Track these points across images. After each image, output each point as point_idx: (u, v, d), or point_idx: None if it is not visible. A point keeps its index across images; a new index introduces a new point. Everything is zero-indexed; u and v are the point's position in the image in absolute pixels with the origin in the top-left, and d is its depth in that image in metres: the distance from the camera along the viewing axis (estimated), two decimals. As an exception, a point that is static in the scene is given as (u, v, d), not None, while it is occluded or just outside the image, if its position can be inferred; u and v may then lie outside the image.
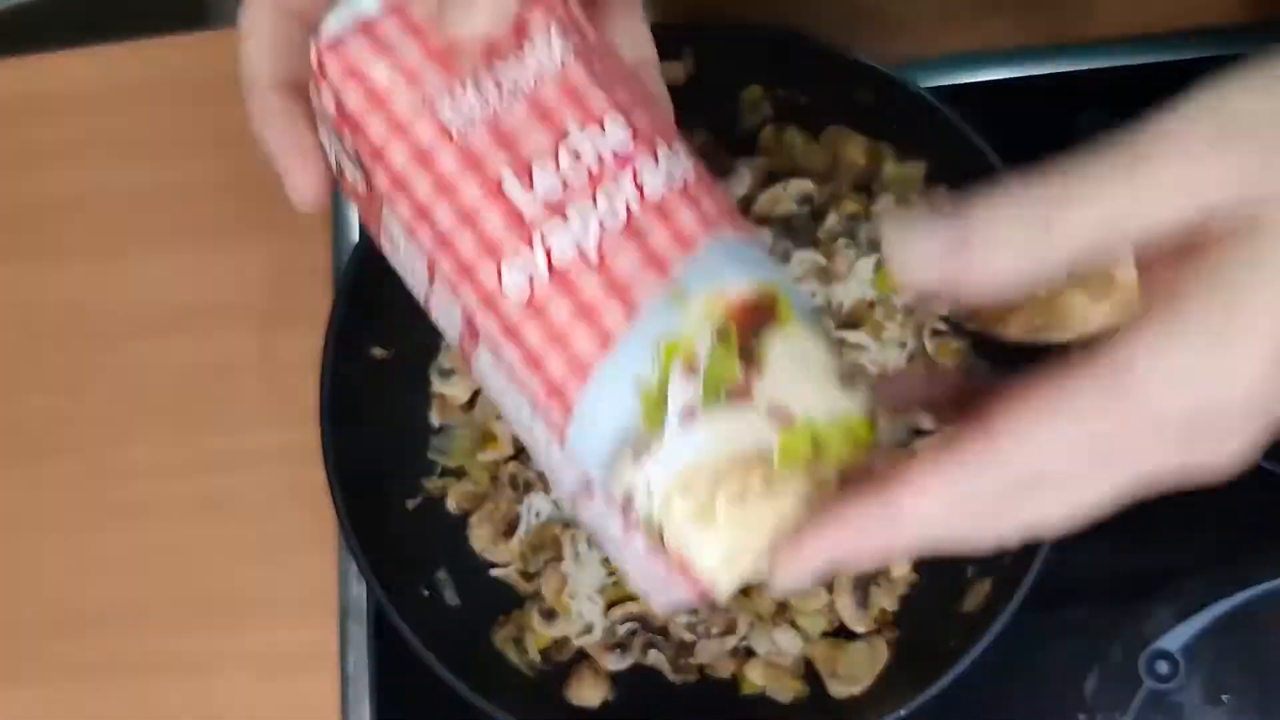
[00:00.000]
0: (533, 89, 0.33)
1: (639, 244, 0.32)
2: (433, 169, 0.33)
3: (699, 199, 0.33)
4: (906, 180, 0.63)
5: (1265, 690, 0.59)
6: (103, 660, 0.67)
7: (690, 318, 0.32)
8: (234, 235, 0.71)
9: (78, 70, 0.75)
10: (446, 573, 0.62)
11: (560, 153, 0.32)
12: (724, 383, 0.32)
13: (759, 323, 0.32)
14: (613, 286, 0.32)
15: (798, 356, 0.32)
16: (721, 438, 0.31)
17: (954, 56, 0.68)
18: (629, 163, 0.33)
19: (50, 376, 0.70)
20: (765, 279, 0.33)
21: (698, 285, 0.32)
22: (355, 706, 0.63)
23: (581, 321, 0.32)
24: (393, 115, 0.33)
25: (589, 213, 0.32)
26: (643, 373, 0.31)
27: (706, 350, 0.31)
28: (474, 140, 0.32)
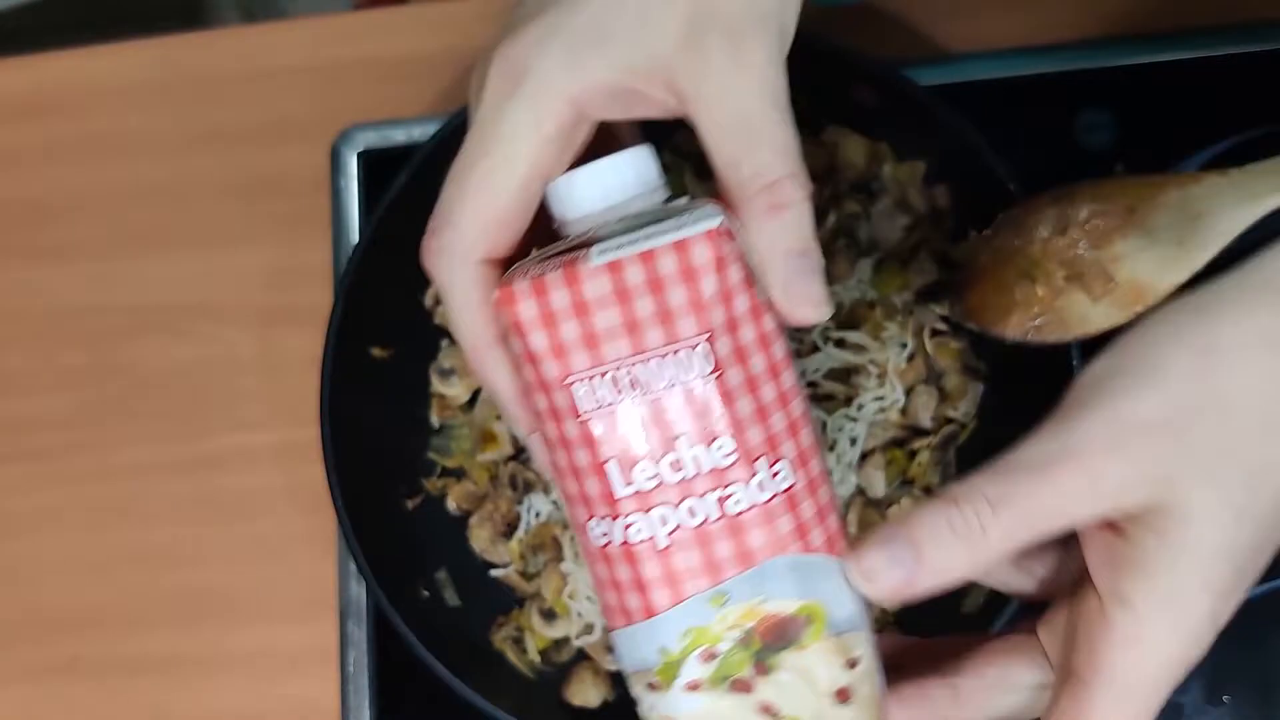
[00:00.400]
0: (660, 393, 0.37)
1: (703, 550, 0.37)
2: (560, 424, 0.38)
3: (784, 514, 0.37)
4: (906, 180, 0.63)
5: (1265, 690, 0.59)
6: (102, 660, 0.67)
7: (722, 621, 0.37)
8: (234, 235, 0.71)
9: (78, 70, 0.75)
10: (446, 573, 0.62)
11: (664, 459, 0.37)
12: (731, 676, 0.38)
13: (784, 638, 0.37)
14: (668, 576, 0.37)
15: (805, 672, 0.38)
16: (713, 711, 0.38)
17: (954, 56, 0.68)
18: (722, 478, 0.37)
19: (50, 376, 0.70)
20: (811, 599, 0.37)
21: (739, 596, 0.37)
22: (355, 706, 0.63)
23: (634, 590, 0.38)
24: (539, 375, 0.37)
25: (670, 513, 0.37)
26: (668, 646, 0.38)
27: (726, 649, 0.37)
28: (594, 425, 0.37)
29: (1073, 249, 0.53)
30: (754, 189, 0.38)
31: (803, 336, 0.62)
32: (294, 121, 0.72)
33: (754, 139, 0.38)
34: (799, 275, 0.37)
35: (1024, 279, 0.54)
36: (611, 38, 0.39)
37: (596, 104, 0.39)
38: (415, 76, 0.70)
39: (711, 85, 0.38)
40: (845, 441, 0.61)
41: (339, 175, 0.70)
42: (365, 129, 0.70)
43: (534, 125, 0.39)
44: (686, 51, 0.38)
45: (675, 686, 0.38)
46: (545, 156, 0.39)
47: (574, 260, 0.37)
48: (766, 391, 0.37)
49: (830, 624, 0.38)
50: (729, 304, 0.37)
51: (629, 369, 0.36)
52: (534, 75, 0.39)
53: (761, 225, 0.38)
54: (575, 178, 0.39)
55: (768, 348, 0.38)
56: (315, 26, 0.74)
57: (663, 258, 0.36)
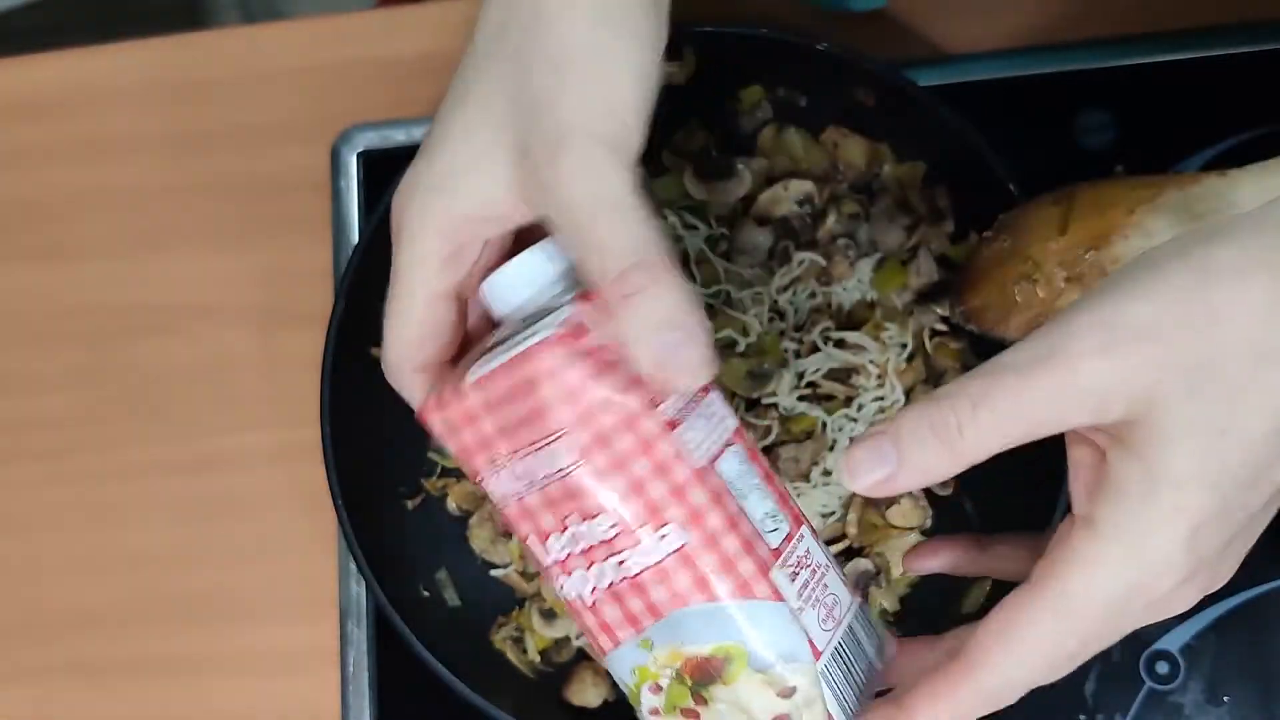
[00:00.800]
0: (543, 482, 0.41)
1: (620, 605, 0.42)
2: (494, 506, 0.44)
3: (679, 570, 0.41)
4: (906, 180, 0.63)
5: (1265, 690, 0.59)
6: (102, 660, 0.67)
7: (655, 661, 0.42)
8: (234, 235, 0.71)
9: (78, 70, 0.75)
10: (446, 573, 0.62)
11: (564, 534, 0.42)
12: (678, 705, 0.42)
13: (709, 676, 0.41)
14: (602, 625, 0.42)
15: (737, 703, 0.41)
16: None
17: (954, 56, 0.68)
18: (613, 546, 0.41)
19: (50, 377, 0.71)
20: (724, 642, 0.41)
21: (661, 640, 0.42)
22: (355, 706, 0.64)
23: (589, 633, 0.43)
24: (466, 469, 0.44)
25: (585, 576, 0.42)
26: (625, 680, 0.43)
27: (666, 683, 0.42)
28: (508, 510, 0.43)
29: (1073, 250, 0.53)
30: (605, 286, 0.41)
31: (803, 337, 0.62)
32: (294, 122, 0.72)
33: (589, 244, 0.41)
34: (667, 351, 0.40)
35: (1024, 280, 0.54)
36: (458, 184, 0.44)
37: (469, 231, 0.44)
38: (415, 76, 0.70)
39: (547, 204, 0.42)
40: (845, 441, 0.61)
41: (339, 176, 0.70)
42: (365, 129, 0.70)
43: (419, 261, 0.45)
44: (521, 180, 0.43)
45: (643, 710, 0.43)
46: (438, 283, 0.45)
47: (460, 375, 0.42)
48: (638, 467, 0.41)
49: (753, 661, 0.41)
50: (578, 399, 0.40)
51: (516, 464, 0.42)
52: (408, 224, 0.45)
53: (620, 316, 0.40)
54: (487, 285, 0.44)
55: (634, 427, 0.41)
56: (315, 27, 0.74)
57: (515, 368, 0.41)
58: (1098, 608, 0.37)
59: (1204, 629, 0.60)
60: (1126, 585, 0.37)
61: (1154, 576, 0.37)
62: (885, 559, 0.60)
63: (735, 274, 0.63)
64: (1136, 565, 0.37)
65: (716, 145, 0.65)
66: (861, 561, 0.60)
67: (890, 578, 0.61)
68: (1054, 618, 0.38)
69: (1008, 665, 0.39)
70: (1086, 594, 0.37)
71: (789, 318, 0.62)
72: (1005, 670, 0.39)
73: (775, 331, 0.62)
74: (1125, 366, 0.36)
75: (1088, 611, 0.37)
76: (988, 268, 0.56)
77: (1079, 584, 0.37)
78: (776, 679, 0.41)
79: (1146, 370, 0.36)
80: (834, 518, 0.62)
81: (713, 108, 0.64)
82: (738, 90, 0.64)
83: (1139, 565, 0.37)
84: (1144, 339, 0.36)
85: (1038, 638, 0.38)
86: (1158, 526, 0.36)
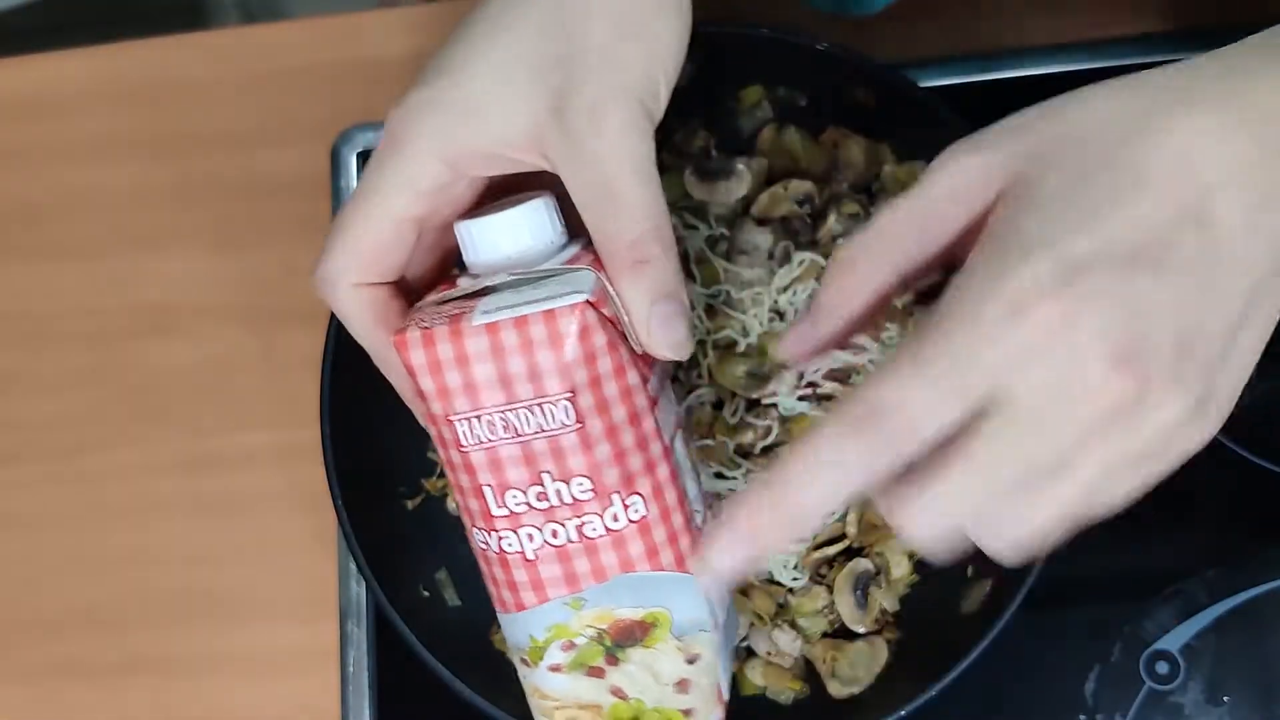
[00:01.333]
0: (528, 437, 0.42)
1: (564, 564, 0.43)
2: (445, 449, 0.43)
3: (635, 540, 0.43)
4: (906, 181, 0.63)
5: (1265, 690, 0.59)
6: (102, 660, 0.67)
7: (579, 621, 0.44)
8: (234, 235, 0.71)
9: (78, 70, 0.75)
10: (446, 573, 0.62)
11: (530, 489, 0.43)
12: (586, 664, 0.45)
13: (631, 637, 0.44)
14: (534, 582, 0.44)
15: (649, 665, 0.44)
16: (572, 689, 0.45)
17: (954, 56, 0.68)
18: (580, 509, 0.43)
19: (50, 376, 0.71)
20: (655, 608, 0.44)
21: (594, 603, 0.44)
22: (355, 706, 0.64)
23: (508, 588, 0.44)
24: (428, 408, 0.43)
25: (535, 533, 0.43)
26: (534, 635, 0.45)
27: (582, 643, 0.44)
28: (473, 456, 0.43)
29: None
30: (617, 247, 0.42)
31: (803, 337, 0.62)
32: (294, 122, 0.72)
33: (614, 203, 0.42)
34: (661, 322, 0.42)
35: None
36: (483, 113, 0.43)
37: (472, 165, 0.44)
38: (415, 76, 0.70)
39: (575, 156, 0.42)
40: (845, 442, 0.61)
41: (339, 176, 0.70)
42: (365, 129, 0.70)
43: (408, 181, 0.44)
44: (552, 125, 0.43)
45: (541, 666, 0.45)
46: (417, 207, 0.44)
47: (460, 315, 0.42)
48: (625, 438, 0.43)
49: (674, 628, 0.44)
50: (591, 365, 0.42)
51: (503, 415, 0.42)
52: (411, 140, 0.44)
53: (626, 280, 0.42)
54: (474, 229, 0.44)
55: (628, 399, 0.43)
56: (315, 27, 0.74)
57: (534, 324, 0.41)
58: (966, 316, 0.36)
59: (1204, 629, 0.60)
60: (995, 295, 0.35)
61: (1018, 289, 0.35)
62: (885, 559, 0.60)
63: (735, 274, 0.63)
64: (1000, 270, 0.36)
65: (716, 145, 0.65)
66: (861, 561, 0.60)
67: (890, 578, 0.61)
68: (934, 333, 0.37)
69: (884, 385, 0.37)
70: (955, 301, 0.36)
71: (789, 318, 0.62)
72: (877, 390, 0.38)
73: (776, 331, 0.62)
74: (1027, 133, 0.39)
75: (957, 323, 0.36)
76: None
77: (947, 298, 0.37)
78: (687, 646, 0.45)
79: (1023, 158, 0.38)
80: (834, 517, 0.62)
81: (713, 108, 0.64)
82: (738, 90, 0.64)
83: (1002, 270, 0.36)
84: (1019, 134, 0.39)
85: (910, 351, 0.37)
86: (1011, 256, 0.36)
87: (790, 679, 0.60)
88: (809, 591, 0.61)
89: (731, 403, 0.61)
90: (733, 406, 0.61)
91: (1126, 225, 0.36)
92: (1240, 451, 0.62)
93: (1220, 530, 0.61)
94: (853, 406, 0.36)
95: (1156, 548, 0.61)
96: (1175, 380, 0.36)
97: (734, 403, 0.61)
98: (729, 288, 0.62)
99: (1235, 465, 0.61)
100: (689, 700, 0.45)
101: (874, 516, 0.61)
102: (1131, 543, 0.61)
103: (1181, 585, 0.61)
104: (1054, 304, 0.35)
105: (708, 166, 0.64)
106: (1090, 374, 0.35)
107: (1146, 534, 0.61)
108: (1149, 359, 0.35)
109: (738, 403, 0.61)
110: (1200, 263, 0.36)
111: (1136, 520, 0.62)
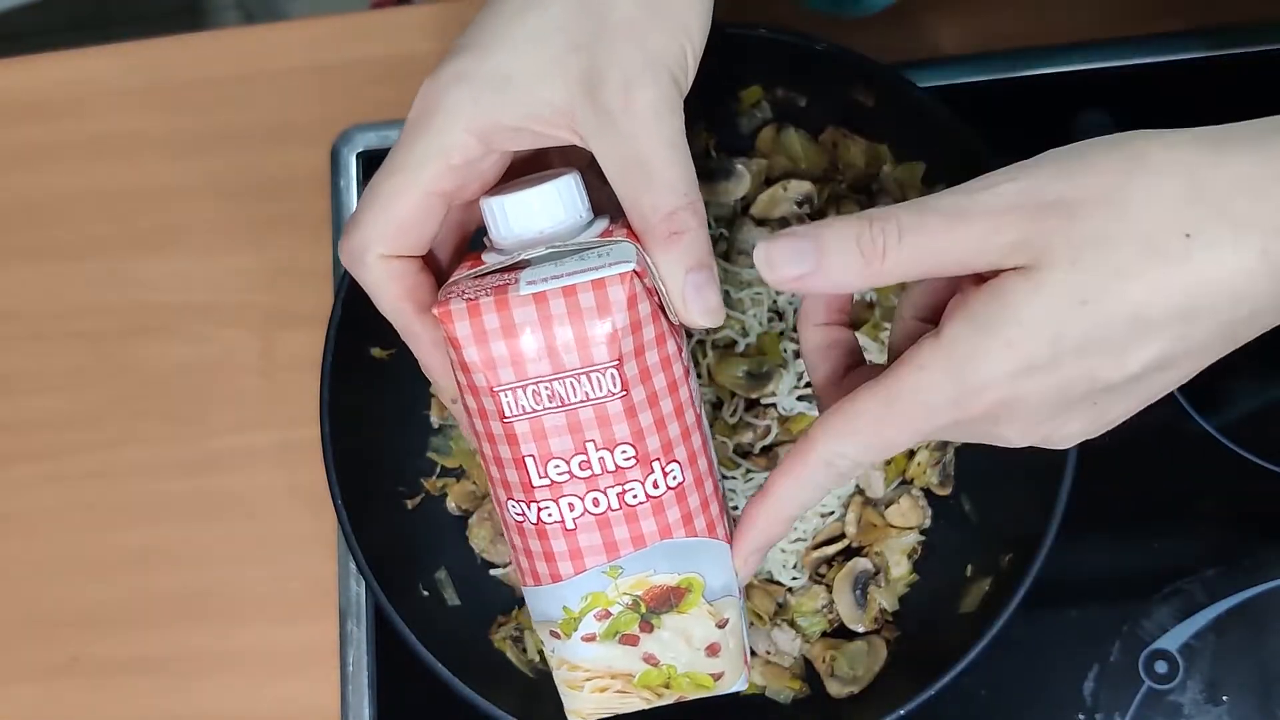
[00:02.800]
0: (574, 406, 0.42)
1: (604, 532, 0.44)
2: (486, 422, 0.43)
3: (673, 506, 0.44)
4: (906, 181, 0.63)
5: (1265, 690, 0.59)
6: (102, 660, 0.67)
7: (616, 589, 0.44)
8: (234, 236, 0.71)
9: (78, 70, 0.75)
10: (446, 573, 0.62)
11: (574, 459, 0.43)
12: (621, 632, 0.45)
13: (666, 603, 0.45)
14: (573, 551, 0.44)
15: (683, 631, 0.45)
16: (604, 657, 0.46)
17: (954, 57, 0.68)
18: (623, 476, 0.43)
19: (50, 376, 0.71)
20: (690, 573, 0.45)
21: (632, 570, 0.44)
22: (355, 706, 0.64)
23: (543, 560, 0.44)
24: (470, 381, 0.43)
25: (577, 502, 0.43)
26: (569, 605, 0.45)
27: (617, 610, 0.45)
28: (517, 426, 0.43)
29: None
30: (654, 220, 0.43)
31: (802, 337, 0.62)
32: (294, 123, 0.72)
33: (650, 177, 0.43)
34: (696, 290, 0.43)
35: None
36: (515, 87, 0.44)
37: (502, 139, 0.44)
38: (415, 77, 0.69)
39: (609, 130, 0.43)
40: (845, 441, 0.61)
41: (339, 176, 0.70)
42: (365, 130, 0.70)
43: (440, 153, 0.44)
44: (585, 100, 0.43)
45: (574, 637, 0.45)
46: (448, 180, 0.45)
47: (504, 286, 0.42)
48: (665, 405, 0.43)
49: (706, 592, 0.45)
50: (637, 334, 0.42)
51: (549, 384, 0.42)
52: (442, 112, 0.44)
53: (662, 251, 0.43)
54: (507, 204, 0.44)
55: (669, 367, 0.43)
56: (315, 27, 0.74)
57: (582, 293, 0.41)
58: (917, 405, 0.40)
59: (1204, 629, 0.60)
60: (943, 394, 0.40)
61: (969, 393, 0.39)
62: (885, 559, 0.61)
63: (735, 274, 0.63)
64: (958, 378, 0.39)
65: (716, 145, 0.65)
66: (860, 561, 0.60)
67: (889, 577, 0.61)
68: (880, 404, 0.41)
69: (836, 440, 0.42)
70: (912, 389, 0.40)
71: (789, 318, 0.62)
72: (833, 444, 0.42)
73: (775, 331, 0.62)
74: (1034, 230, 0.38)
75: (907, 406, 0.40)
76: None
77: (908, 379, 0.40)
78: (718, 610, 0.45)
79: (1050, 236, 0.38)
80: (834, 517, 0.62)
81: (713, 108, 0.64)
82: (738, 90, 0.64)
83: (959, 379, 0.39)
84: (1058, 209, 0.38)
85: (866, 415, 0.41)
86: (986, 352, 0.39)
87: (789, 678, 0.60)
88: (808, 591, 0.61)
89: (731, 402, 0.61)
90: (732, 406, 0.61)
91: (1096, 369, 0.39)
92: (1240, 451, 0.62)
93: (1220, 530, 0.61)
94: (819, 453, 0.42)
95: (1156, 548, 0.61)
96: (1042, 435, 0.42)
97: (733, 402, 0.61)
98: (728, 288, 0.62)
99: (1235, 465, 0.61)
100: (719, 664, 0.46)
101: (873, 516, 0.61)
102: (1131, 543, 0.62)
103: (1181, 585, 0.61)
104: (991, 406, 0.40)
105: (708, 166, 0.64)
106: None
107: (1146, 534, 0.61)
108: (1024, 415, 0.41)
109: (737, 402, 0.61)
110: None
111: (1137, 520, 0.62)
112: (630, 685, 0.46)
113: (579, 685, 0.46)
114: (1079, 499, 0.54)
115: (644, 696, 0.47)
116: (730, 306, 0.63)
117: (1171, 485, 0.62)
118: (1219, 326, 0.38)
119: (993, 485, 0.60)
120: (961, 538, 0.60)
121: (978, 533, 0.60)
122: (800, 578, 0.61)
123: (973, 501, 0.61)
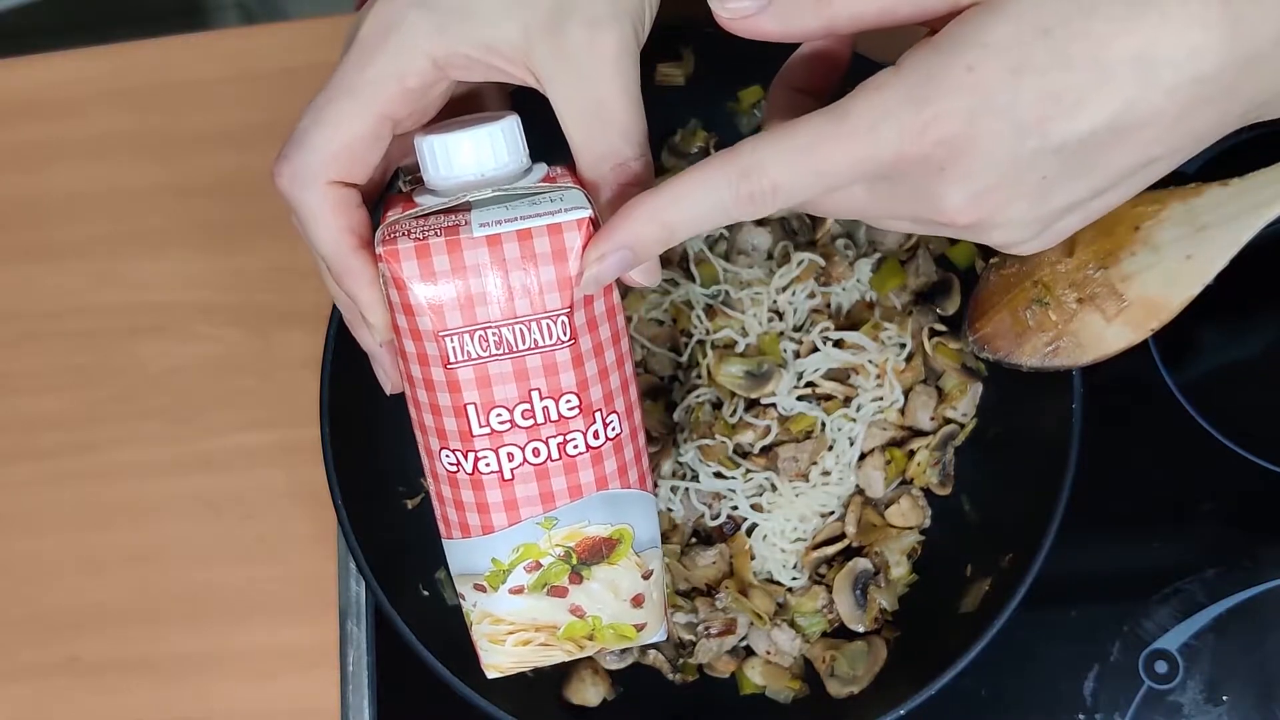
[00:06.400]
0: (521, 353, 0.41)
1: (541, 483, 0.43)
2: (426, 368, 0.42)
3: (610, 457, 0.44)
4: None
5: (1265, 690, 0.59)
6: (102, 659, 0.67)
7: (549, 540, 0.44)
8: (234, 235, 0.71)
9: (78, 70, 0.75)
10: (446, 573, 0.62)
11: (517, 407, 0.42)
12: (550, 584, 0.45)
13: (598, 554, 0.45)
14: (508, 502, 0.43)
15: (610, 581, 0.45)
16: (531, 610, 0.45)
17: (953, 57, 0.68)
18: (565, 426, 0.42)
19: (50, 376, 0.71)
20: (622, 524, 0.45)
21: (566, 521, 0.44)
22: (355, 706, 0.64)
23: (475, 511, 0.44)
24: (413, 324, 0.41)
25: (517, 451, 0.43)
26: (499, 558, 0.44)
27: (549, 562, 0.44)
28: (461, 373, 0.41)
29: (1081, 270, 0.53)
30: (605, 168, 0.42)
31: (802, 337, 0.62)
32: (294, 122, 0.72)
33: (607, 123, 0.42)
34: (649, 243, 0.41)
35: (1035, 305, 0.54)
36: (478, 17, 0.42)
37: (457, 67, 0.43)
38: None
39: (568, 72, 0.42)
40: (844, 441, 0.61)
41: (339, 175, 0.70)
42: (365, 129, 0.70)
43: (396, 76, 0.42)
44: (546, 39, 0.42)
45: (501, 590, 0.45)
46: (400, 105, 0.43)
47: (455, 227, 0.41)
48: (609, 356, 0.43)
49: (635, 543, 0.45)
50: None
51: (497, 330, 0.41)
52: (402, 32, 0.42)
53: (611, 200, 0.42)
54: (449, 143, 0.42)
55: (613, 318, 0.43)
56: (315, 27, 0.74)
57: (538, 237, 0.40)
58: (863, 128, 0.38)
59: (1203, 628, 0.60)
60: (895, 118, 0.37)
61: (921, 124, 0.37)
62: (884, 559, 0.60)
63: (734, 274, 0.63)
64: (913, 99, 0.37)
65: (716, 145, 0.65)
66: (860, 561, 0.60)
67: (889, 577, 0.61)
68: (827, 121, 0.38)
69: (764, 148, 0.39)
70: (865, 107, 0.38)
71: (788, 318, 0.62)
72: (760, 152, 0.39)
73: (775, 331, 0.62)
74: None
75: (854, 126, 0.38)
76: (997, 294, 0.56)
77: (861, 98, 0.38)
78: (644, 561, 0.46)
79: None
80: (834, 517, 0.62)
81: (713, 108, 0.64)
82: (737, 90, 0.64)
83: (915, 101, 0.37)
84: None
85: (807, 132, 0.39)
86: (946, 71, 0.37)
87: (789, 678, 0.60)
88: (808, 591, 0.61)
89: (731, 402, 0.61)
90: (732, 406, 0.61)
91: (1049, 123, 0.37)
92: (1240, 451, 0.62)
93: (1220, 530, 0.61)
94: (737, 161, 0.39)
95: (1156, 548, 0.61)
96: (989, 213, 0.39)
97: (733, 402, 0.61)
98: (728, 288, 0.62)
99: (1235, 465, 0.61)
100: (642, 614, 0.46)
101: (873, 516, 0.61)
102: (1131, 542, 0.62)
103: (1181, 585, 0.61)
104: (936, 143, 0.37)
105: (707, 166, 0.64)
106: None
107: (1146, 534, 0.61)
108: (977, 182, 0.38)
109: (737, 402, 0.61)
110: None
111: (1137, 520, 0.62)
112: (554, 638, 0.46)
113: (500, 639, 0.46)
114: (1079, 499, 0.54)
115: (566, 649, 0.46)
116: (730, 306, 0.63)
117: (1171, 485, 0.62)
118: (1178, 88, 0.36)
119: (993, 485, 0.60)
120: (961, 538, 0.60)
121: (978, 533, 0.60)
122: (800, 578, 0.61)
123: (973, 501, 0.61)
